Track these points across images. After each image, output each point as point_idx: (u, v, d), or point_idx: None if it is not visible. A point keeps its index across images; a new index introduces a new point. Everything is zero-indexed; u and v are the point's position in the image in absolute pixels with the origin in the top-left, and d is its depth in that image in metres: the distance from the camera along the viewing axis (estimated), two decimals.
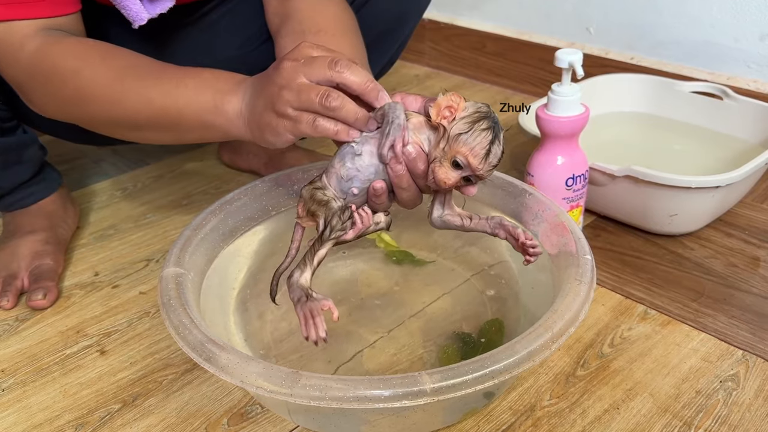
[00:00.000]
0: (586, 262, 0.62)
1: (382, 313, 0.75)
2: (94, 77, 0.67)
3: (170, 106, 0.64)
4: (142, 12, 0.74)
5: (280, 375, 0.51)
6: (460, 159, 0.55)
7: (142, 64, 0.68)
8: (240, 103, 0.62)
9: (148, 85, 0.65)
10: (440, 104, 0.56)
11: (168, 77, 0.65)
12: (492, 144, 0.55)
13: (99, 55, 0.68)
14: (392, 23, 0.97)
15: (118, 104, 0.67)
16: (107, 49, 0.69)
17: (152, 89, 0.65)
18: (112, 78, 0.67)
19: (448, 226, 0.62)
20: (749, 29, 1.11)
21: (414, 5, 0.98)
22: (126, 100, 0.66)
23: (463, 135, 0.55)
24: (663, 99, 1.09)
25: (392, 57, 1.03)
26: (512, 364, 0.52)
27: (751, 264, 0.85)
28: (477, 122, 0.56)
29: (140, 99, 0.66)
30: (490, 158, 0.55)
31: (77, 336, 0.78)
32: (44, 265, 0.85)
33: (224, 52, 0.94)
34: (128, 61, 0.68)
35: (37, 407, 0.69)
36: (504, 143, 0.57)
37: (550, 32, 1.39)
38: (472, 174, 0.56)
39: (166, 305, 0.60)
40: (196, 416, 0.67)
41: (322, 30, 0.74)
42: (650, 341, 0.73)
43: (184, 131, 0.67)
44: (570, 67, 0.78)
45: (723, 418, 0.64)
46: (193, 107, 0.63)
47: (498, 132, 0.56)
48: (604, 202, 0.92)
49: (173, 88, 0.64)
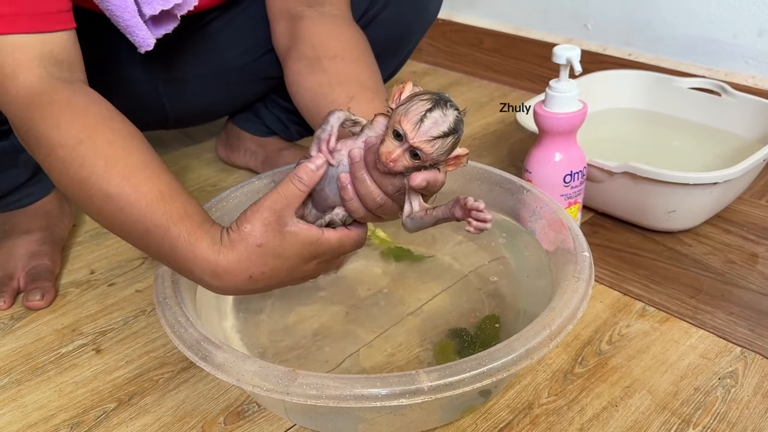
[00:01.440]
0: (584, 259, 0.62)
1: (379, 311, 0.75)
2: (64, 164, 0.59)
3: (140, 247, 0.62)
4: (149, 38, 0.73)
5: (276, 374, 0.51)
6: (397, 127, 0.51)
7: (116, 170, 0.58)
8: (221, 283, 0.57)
9: (113, 216, 0.59)
10: (393, 92, 0.54)
11: (133, 221, 0.58)
12: (429, 111, 0.50)
13: (76, 138, 0.59)
14: (398, 39, 0.97)
15: (85, 207, 0.61)
16: (89, 127, 0.59)
17: (118, 224, 0.59)
18: (81, 179, 0.58)
19: (417, 224, 0.56)
20: (748, 25, 1.11)
21: (420, 22, 0.98)
22: (95, 213, 0.61)
23: (402, 106, 0.52)
24: (661, 95, 1.09)
25: (395, 69, 1.03)
26: (510, 362, 0.52)
27: (749, 260, 0.85)
28: (419, 95, 0.52)
29: (106, 222, 0.61)
30: (425, 125, 0.50)
31: (72, 334, 0.78)
32: (41, 266, 0.85)
33: (224, 61, 0.94)
34: (103, 158, 0.58)
35: (32, 406, 0.68)
36: (456, 123, 0.51)
37: (548, 28, 1.38)
38: (410, 147, 0.51)
39: (161, 303, 0.59)
40: (192, 415, 0.66)
41: (338, 56, 0.72)
42: (648, 338, 0.73)
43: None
44: (568, 63, 0.78)
45: (721, 415, 0.63)
46: (158, 256, 0.60)
47: (439, 104, 0.51)
48: (602, 199, 0.91)
49: (139, 238, 0.59)
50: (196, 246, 0.55)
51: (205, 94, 0.97)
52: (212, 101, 1.01)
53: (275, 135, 1.09)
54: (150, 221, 0.57)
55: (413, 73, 1.53)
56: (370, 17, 0.91)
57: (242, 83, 0.98)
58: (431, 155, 0.51)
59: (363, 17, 0.90)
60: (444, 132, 0.51)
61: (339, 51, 0.73)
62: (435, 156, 0.52)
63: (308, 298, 0.77)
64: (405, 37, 0.98)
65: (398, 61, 1.02)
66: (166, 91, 0.94)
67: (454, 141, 0.52)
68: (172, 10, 0.74)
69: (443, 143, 0.51)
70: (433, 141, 0.51)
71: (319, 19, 0.76)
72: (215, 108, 1.05)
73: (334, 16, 0.77)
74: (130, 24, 0.71)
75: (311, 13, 0.77)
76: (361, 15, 0.89)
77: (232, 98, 1.03)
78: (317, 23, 0.76)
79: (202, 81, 0.95)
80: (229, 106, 1.07)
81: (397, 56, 1.00)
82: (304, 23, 0.76)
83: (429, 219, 0.55)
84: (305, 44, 0.74)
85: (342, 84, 0.69)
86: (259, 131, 1.09)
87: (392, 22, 0.93)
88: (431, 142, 0.51)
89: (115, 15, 0.71)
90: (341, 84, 0.69)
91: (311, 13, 0.77)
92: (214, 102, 1.01)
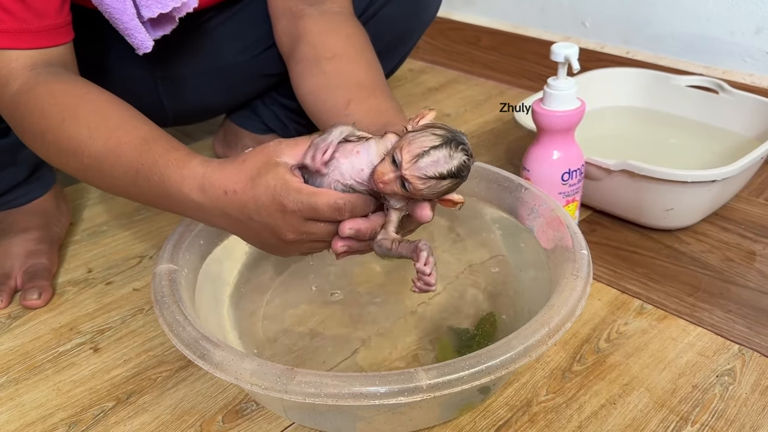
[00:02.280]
0: (583, 257, 0.62)
1: (377, 309, 0.75)
2: (56, 144, 0.63)
3: (133, 197, 0.63)
4: (148, 40, 0.73)
5: (274, 372, 0.51)
6: (397, 153, 0.49)
7: (101, 135, 0.61)
8: (206, 215, 0.58)
9: (105, 172, 0.62)
10: (414, 116, 0.54)
11: (124, 169, 0.60)
12: (434, 148, 0.48)
13: (59, 118, 0.62)
14: (398, 36, 0.97)
15: (83, 177, 0.65)
16: (70, 107, 0.63)
17: (110, 180, 0.62)
18: (71, 150, 0.62)
19: (384, 252, 0.54)
20: (745, 23, 1.11)
21: (420, 19, 0.98)
22: (90, 178, 0.64)
23: (413, 133, 0.50)
24: (659, 93, 1.09)
25: (395, 67, 1.03)
26: (508, 360, 0.52)
27: (747, 258, 0.85)
28: (434, 127, 0.50)
29: (101, 182, 0.64)
30: (423, 161, 0.48)
31: (70, 333, 0.78)
32: (39, 265, 0.85)
33: (223, 59, 0.94)
34: (86, 127, 0.62)
35: (30, 405, 0.68)
36: (460, 168, 0.49)
37: (546, 26, 1.38)
38: (402, 176, 0.49)
39: (159, 302, 0.59)
40: (190, 413, 0.66)
41: (337, 55, 0.72)
42: (647, 336, 0.73)
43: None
44: (566, 60, 0.78)
45: (719, 412, 0.63)
46: (157, 205, 0.62)
47: (449, 144, 0.49)
48: (600, 197, 0.91)
49: (130, 184, 0.61)
50: (185, 167, 0.57)
51: (204, 91, 0.97)
52: (211, 99, 1.01)
53: (273, 132, 1.09)
54: (138, 162, 0.59)
55: (411, 71, 1.53)
56: (371, 14, 0.90)
57: (241, 80, 0.98)
58: (421, 192, 0.50)
59: (363, 14, 0.89)
60: (441, 174, 0.49)
61: (337, 50, 0.72)
62: (425, 194, 0.50)
63: (306, 297, 0.77)
64: (405, 34, 0.98)
65: (398, 59, 1.02)
66: (165, 89, 0.94)
67: (451, 185, 0.50)
68: (170, 13, 0.74)
69: (437, 184, 0.50)
70: (426, 180, 0.49)
71: (319, 18, 0.76)
72: (214, 105, 1.05)
73: (335, 13, 0.77)
74: (128, 26, 0.71)
75: (312, 12, 0.77)
76: (362, 12, 0.89)
77: (231, 95, 1.03)
78: (317, 21, 0.76)
79: (201, 78, 0.94)
80: (228, 103, 1.07)
81: (397, 54, 1.00)
82: (305, 22, 0.76)
83: (394, 252, 0.53)
84: (305, 45, 0.74)
85: (340, 86, 0.69)
86: (257, 129, 1.09)
87: (392, 19, 0.93)
88: (424, 180, 0.49)
89: (113, 17, 0.71)
90: (339, 86, 0.69)
91: (312, 11, 0.77)
92: (213, 99, 1.01)
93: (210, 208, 0.56)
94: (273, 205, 0.53)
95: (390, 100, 0.68)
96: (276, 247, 0.58)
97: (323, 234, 0.54)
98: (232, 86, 0.99)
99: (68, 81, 0.66)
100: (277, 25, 0.81)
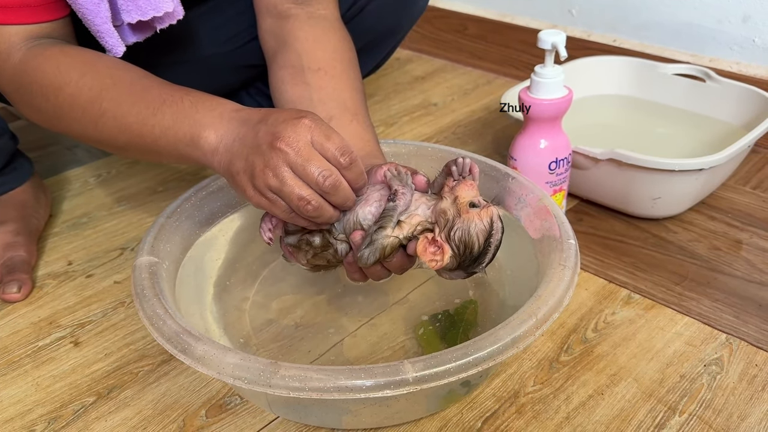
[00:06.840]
0: (570, 246, 0.61)
1: (364, 299, 0.74)
2: (73, 97, 0.64)
3: (147, 135, 0.62)
4: (119, 45, 0.72)
5: (258, 366, 0.50)
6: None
7: (124, 81, 0.64)
8: (217, 142, 0.58)
9: (125, 111, 0.62)
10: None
11: (147, 102, 0.62)
12: (487, 246, 0.56)
13: (79, 72, 0.65)
14: (386, 30, 0.96)
15: (95, 126, 0.64)
16: (89, 62, 0.66)
17: (129, 115, 0.62)
18: (90, 99, 0.64)
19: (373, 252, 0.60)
20: (732, 11, 1.10)
21: (409, 13, 0.97)
22: (103, 124, 0.64)
23: (460, 218, 0.56)
24: (645, 81, 1.09)
25: (382, 61, 1.02)
26: (496, 351, 0.51)
27: (734, 247, 0.85)
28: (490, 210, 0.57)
29: (117, 124, 0.63)
30: (490, 255, 0.56)
31: (50, 327, 0.76)
32: (17, 257, 0.83)
33: (208, 49, 0.92)
34: (109, 77, 0.65)
35: (8, 401, 0.67)
36: (490, 258, 0.57)
37: (532, 14, 1.37)
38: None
39: (139, 295, 0.58)
40: (173, 408, 0.65)
41: (322, 69, 0.72)
42: (634, 326, 0.73)
43: (163, 157, 0.64)
44: (553, 48, 0.77)
45: (707, 402, 0.63)
46: (169, 138, 0.60)
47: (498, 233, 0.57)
48: (588, 186, 0.91)
49: (150, 115, 0.61)
50: (213, 100, 0.61)
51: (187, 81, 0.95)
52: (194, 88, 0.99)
53: None
54: (167, 94, 0.62)
55: (397, 60, 1.52)
56: (359, 7, 0.89)
57: (226, 71, 0.97)
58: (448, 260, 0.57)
59: (352, 7, 0.88)
60: (478, 257, 0.56)
61: (323, 63, 0.73)
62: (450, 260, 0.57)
63: (291, 287, 0.76)
64: (392, 29, 0.97)
65: (385, 52, 1.01)
66: None
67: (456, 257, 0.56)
68: (151, 22, 0.73)
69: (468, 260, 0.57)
70: (463, 257, 0.56)
71: (306, 23, 0.75)
72: None
73: (322, 18, 0.76)
74: (100, 30, 0.71)
75: (299, 13, 0.76)
76: (350, 5, 0.88)
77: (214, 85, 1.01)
78: (305, 27, 0.75)
79: (185, 68, 0.93)
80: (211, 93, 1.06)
81: (384, 47, 0.99)
82: (291, 25, 0.75)
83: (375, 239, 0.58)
84: (291, 51, 0.74)
85: (322, 101, 0.70)
86: None
87: (380, 13, 0.92)
88: (461, 258, 0.56)
89: (87, 19, 0.70)
90: (322, 101, 0.70)
91: (299, 12, 0.76)
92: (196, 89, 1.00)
93: (228, 118, 0.59)
94: (260, 121, 0.56)
95: (370, 128, 0.71)
96: (252, 175, 0.56)
97: (288, 197, 0.54)
98: (215, 76, 0.97)
99: (77, 47, 0.69)
100: (261, 22, 0.80)
